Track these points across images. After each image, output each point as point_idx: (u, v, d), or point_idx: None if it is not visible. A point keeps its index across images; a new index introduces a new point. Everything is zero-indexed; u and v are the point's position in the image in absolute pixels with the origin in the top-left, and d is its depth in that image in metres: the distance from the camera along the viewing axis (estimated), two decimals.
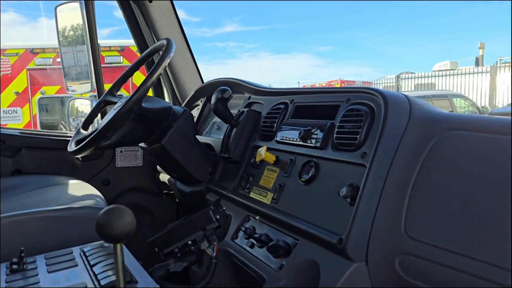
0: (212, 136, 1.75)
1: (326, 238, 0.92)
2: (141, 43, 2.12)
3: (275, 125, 1.32)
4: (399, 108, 0.95)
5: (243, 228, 1.21)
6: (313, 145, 1.10)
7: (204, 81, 2.17)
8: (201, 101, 1.93)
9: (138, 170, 2.05)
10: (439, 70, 12.73)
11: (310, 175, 1.08)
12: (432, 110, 0.97)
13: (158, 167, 2.00)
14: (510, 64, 10.88)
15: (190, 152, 1.52)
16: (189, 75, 2.09)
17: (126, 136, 1.43)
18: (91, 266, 0.94)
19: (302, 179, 1.09)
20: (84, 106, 2.99)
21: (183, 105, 2.01)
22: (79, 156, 1.44)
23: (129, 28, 2.11)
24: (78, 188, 1.65)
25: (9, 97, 6.31)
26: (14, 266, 0.96)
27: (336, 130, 1.05)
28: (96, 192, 1.60)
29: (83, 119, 1.82)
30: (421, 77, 12.78)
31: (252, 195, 1.28)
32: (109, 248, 1.04)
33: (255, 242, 1.16)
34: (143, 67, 1.85)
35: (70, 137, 2.07)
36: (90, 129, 1.59)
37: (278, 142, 1.27)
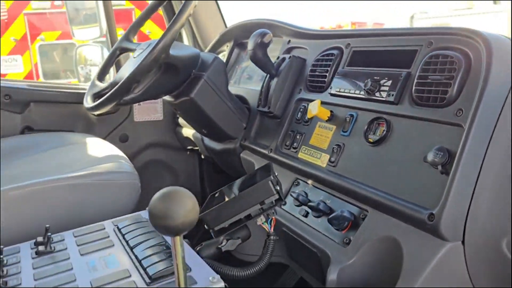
0: (243, 86, 1.56)
1: (410, 213, 0.77)
2: None
3: (327, 74, 1.13)
4: (506, 56, 0.76)
5: (294, 194, 1.06)
6: (384, 98, 0.92)
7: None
8: (227, 46, 1.72)
9: (158, 125, 1.87)
10: (455, 9, 12.07)
11: (380, 135, 0.91)
12: None
13: (180, 120, 1.83)
14: None
15: (222, 106, 1.34)
16: (210, 17, 1.86)
17: (150, 89, 1.25)
18: (131, 248, 0.80)
19: (369, 139, 0.93)
20: (93, 53, 2.76)
21: (206, 51, 1.80)
22: (97, 112, 1.27)
23: None
24: (96, 147, 1.49)
25: (8, 44, 5.99)
26: (41, 247, 0.83)
27: (415, 81, 0.86)
28: (117, 151, 1.44)
29: (92, 68, 1.62)
30: (436, 17, 12.16)
31: (301, 155, 1.12)
32: (147, 222, 0.90)
33: (309, 210, 1.02)
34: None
35: (83, 89, 1.89)
36: (107, 81, 1.40)
37: (332, 94, 1.08)
